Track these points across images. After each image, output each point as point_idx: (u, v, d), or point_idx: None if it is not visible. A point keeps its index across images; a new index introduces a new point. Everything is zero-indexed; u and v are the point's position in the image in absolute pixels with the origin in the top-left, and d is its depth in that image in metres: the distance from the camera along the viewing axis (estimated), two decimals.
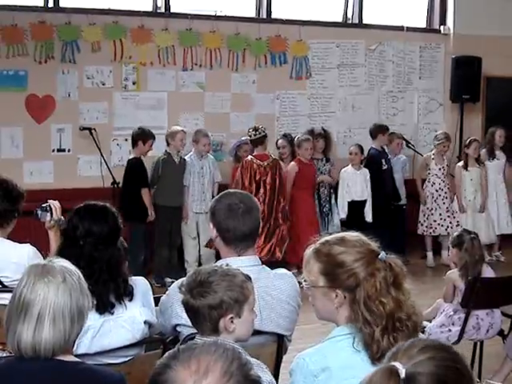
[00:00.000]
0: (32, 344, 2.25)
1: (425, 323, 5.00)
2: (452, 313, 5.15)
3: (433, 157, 9.16)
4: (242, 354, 1.56)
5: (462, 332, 4.99)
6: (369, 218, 8.67)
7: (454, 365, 1.62)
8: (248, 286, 2.70)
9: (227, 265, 2.78)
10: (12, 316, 2.26)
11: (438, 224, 9.05)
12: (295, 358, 2.43)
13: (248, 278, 2.73)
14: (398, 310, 2.34)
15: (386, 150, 9.22)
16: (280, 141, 8.83)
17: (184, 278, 2.82)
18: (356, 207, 8.67)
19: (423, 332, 4.72)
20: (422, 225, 9.16)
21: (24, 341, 2.25)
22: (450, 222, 9.05)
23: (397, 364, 1.59)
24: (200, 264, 8.13)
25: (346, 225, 8.42)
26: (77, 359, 2.40)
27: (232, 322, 2.64)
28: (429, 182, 9.16)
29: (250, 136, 8.19)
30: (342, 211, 8.70)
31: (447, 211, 9.10)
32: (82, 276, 2.41)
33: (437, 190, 9.10)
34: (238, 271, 2.73)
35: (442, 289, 5.36)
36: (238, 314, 2.65)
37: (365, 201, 8.70)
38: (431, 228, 9.08)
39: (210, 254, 8.04)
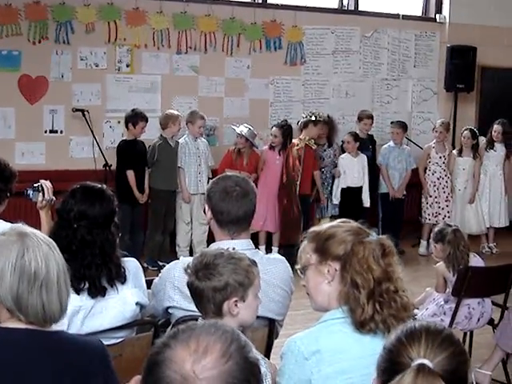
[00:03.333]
0: (60, 310, 2.25)
1: (414, 311, 5.02)
2: (443, 302, 5.17)
3: (433, 146, 9.13)
4: (241, 336, 1.56)
5: (453, 321, 5.01)
6: (367, 203, 8.65)
7: (465, 358, 1.73)
8: (253, 271, 2.69)
9: (233, 248, 2.78)
10: (24, 289, 2.19)
11: (440, 213, 9.04)
12: (286, 342, 2.44)
13: (253, 262, 2.72)
14: (386, 280, 2.37)
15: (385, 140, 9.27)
16: (274, 129, 8.46)
17: (179, 261, 2.80)
18: (352, 194, 8.63)
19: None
20: (424, 212, 9.09)
21: (53, 309, 2.23)
22: (448, 212, 9.06)
23: (426, 362, 1.64)
24: (191, 249, 8.14)
25: (342, 211, 8.47)
26: (58, 328, 2.37)
27: (236, 305, 2.63)
28: (429, 170, 9.11)
29: (310, 117, 8.34)
30: (334, 197, 8.67)
31: (446, 200, 9.09)
32: None
33: (438, 179, 9.07)
34: (244, 255, 2.73)
35: (434, 277, 5.37)
36: (242, 297, 2.64)
37: (361, 187, 8.67)
38: (436, 216, 9.00)
39: (201, 239, 8.06)
